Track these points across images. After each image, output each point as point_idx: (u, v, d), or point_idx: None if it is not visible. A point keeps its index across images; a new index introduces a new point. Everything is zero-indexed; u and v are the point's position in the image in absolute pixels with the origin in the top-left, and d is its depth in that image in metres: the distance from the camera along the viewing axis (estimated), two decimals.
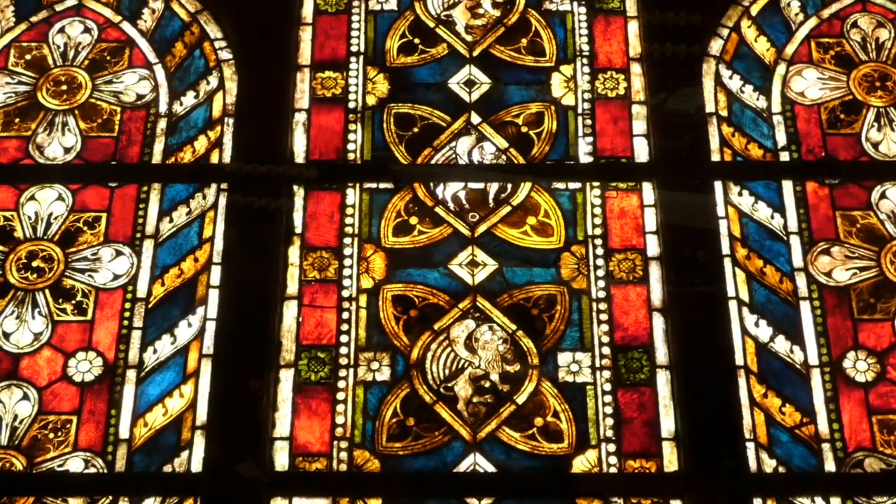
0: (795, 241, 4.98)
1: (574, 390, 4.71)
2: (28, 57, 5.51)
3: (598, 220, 5.04)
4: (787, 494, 4.49)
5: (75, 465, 4.58)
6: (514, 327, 4.82)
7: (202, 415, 4.62)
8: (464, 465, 4.58)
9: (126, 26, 5.56)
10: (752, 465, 4.52)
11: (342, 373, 4.74)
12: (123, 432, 4.61)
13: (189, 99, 5.37)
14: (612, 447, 4.60)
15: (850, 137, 5.25)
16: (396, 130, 5.29)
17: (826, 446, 4.58)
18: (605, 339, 4.79)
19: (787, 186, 5.10)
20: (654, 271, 4.91)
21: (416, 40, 5.52)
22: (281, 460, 4.58)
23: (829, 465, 4.55)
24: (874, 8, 5.56)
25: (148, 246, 5.00)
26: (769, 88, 5.35)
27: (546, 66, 5.45)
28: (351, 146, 5.24)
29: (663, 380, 4.70)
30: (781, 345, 4.76)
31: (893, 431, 4.62)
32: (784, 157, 5.19)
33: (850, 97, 5.34)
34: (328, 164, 5.19)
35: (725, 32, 5.46)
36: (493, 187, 5.14)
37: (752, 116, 5.28)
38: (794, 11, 5.53)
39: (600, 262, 4.95)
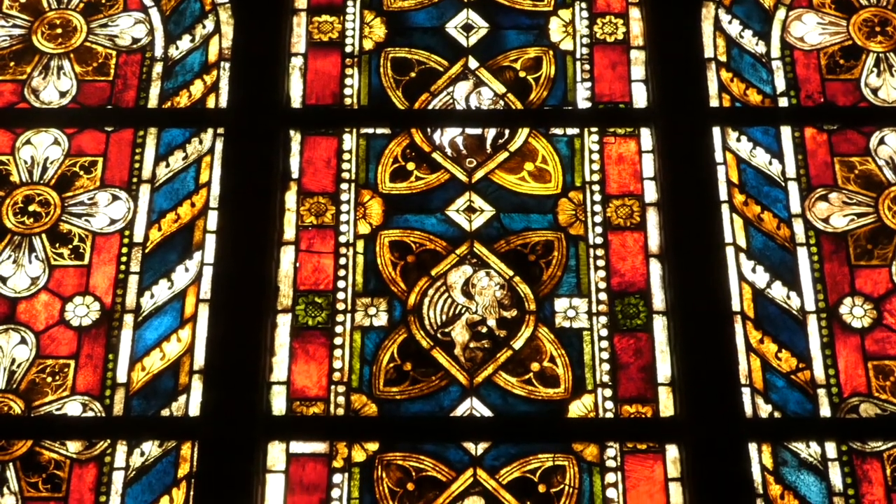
0: (793, 187, 4.97)
1: (571, 336, 4.72)
2: (23, 0, 5.47)
3: (595, 166, 5.02)
4: (782, 440, 4.51)
5: (73, 408, 4.60)
6: (511, 273, 4.82)
7: (199, 359, 4.63)
8: (460, 410, 4.59)
9: None
10: (748, 410, 4.54)
11: (339, 318, 4.74)
12: (121, 376, 4.63)
13: (185, 43, 5.33)
14: (608, 392, 4.61)
15: (850, 83, 5.22)
16: (393, 75, 5.26)
17: (822, 392, 4.60)
18: (602, 285, 4.79)
19: (786, 132, 5.08)
20: (652, 217, 4.90)
21: None
22: (278, 405, 4.59)
23: (825, 411, 4.57)
24: None
25: (144, 191, 4.99)
26: (768, 33, 5.31)
27: (544, 10, 5.41)
28: (348, 91, 5.21)
29: (660, 325, 4.70)
30: (778, 291, 4.77)
31: (889, 377, 4.63)
32: (783, 102, 5.17)
33: (849, 42, 5.31)
34: (325, 108, 5.17)
35: None
36: (491, 133, 5.11)
37: (751, 62, 5.25)
38: None
39: (598, 208, 4.94)
